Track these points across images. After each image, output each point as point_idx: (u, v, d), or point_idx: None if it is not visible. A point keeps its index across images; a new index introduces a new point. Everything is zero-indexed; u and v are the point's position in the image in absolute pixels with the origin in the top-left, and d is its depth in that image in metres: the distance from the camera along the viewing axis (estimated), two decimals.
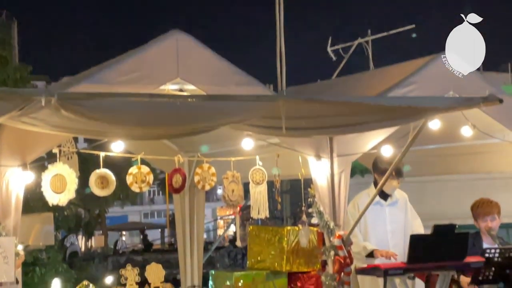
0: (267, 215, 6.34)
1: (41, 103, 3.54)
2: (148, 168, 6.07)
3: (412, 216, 5.91)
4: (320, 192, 5.03)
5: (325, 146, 5.00)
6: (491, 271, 5.41)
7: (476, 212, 6.11)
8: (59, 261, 12.35)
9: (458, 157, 7.29)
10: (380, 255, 5.52)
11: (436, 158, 7.51)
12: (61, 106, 3.59)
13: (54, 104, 3.56)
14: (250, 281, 6.75)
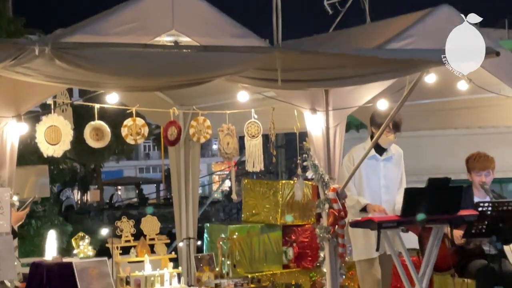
0: (262, 168, 6.35)
1: (35, 53, 3.51)
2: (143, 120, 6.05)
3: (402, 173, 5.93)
4: (315, 146, 5.02)
5: (321, 100, 4.98)
6: (484, 225, 5.46)
7: (472, 165, 6.12)
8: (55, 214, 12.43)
9: (454, 111, 7.28)
10: (373, 210, 5.54)
11: (432, 113, 7.49)
12: (55, 56, 3.55)
13: (48, 54, 3.52)
14: (244, 234, 6.81)
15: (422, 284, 5.35)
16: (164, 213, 14.00)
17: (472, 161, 6.13)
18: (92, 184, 26.98)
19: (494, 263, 5.58)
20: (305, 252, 7.06)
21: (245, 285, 5.67)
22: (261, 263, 6.83)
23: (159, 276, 5.69)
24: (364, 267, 5.69)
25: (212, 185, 31.31)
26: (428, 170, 8.03)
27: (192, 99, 6.72)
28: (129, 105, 6.07)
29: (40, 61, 3.61)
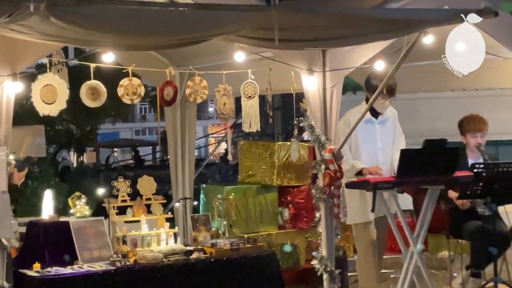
0: (259, 128, 6.34)
1: (29, 10, 3.47)
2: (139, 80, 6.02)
3: (398, 132, 5.93)
4: (311, 107, 5.01)
5: (318, 60, 4.96)
6: (479, 186, 5.49)
7: (466, 127, 6.14)
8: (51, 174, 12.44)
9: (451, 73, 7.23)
10: (369, 172, 5.56)
11: (429, 75, 7.47)
12: (50, 13, 3.51)
13: (43, 11, 3.48)
14: (240, 194, 6.83)
15: (417, 245, 5.40)
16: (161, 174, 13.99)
17: (466, 123, 6.15)
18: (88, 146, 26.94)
19: (489, 224, 5.63)
20: (300, 213, 7.09)
21: (241, 244, 5.71)
22: (257, 223, 6.86)
23: (156, 236, 5.72)
24: (360, 230, 5.74)
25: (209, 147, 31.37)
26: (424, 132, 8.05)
27: (188, 60, 6.68)
28: (125, 65, 6.03)
29: (35, 19, 3.57)
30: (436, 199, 5.50)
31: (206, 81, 6.41)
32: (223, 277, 5.46)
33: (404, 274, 5.43)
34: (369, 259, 5.72)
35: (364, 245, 5.70)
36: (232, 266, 5.51)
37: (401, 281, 5.43)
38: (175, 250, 5.58)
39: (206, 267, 5.44)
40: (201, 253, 5.58)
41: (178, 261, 5.44)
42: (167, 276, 5.30)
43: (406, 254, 5.46)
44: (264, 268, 5.61)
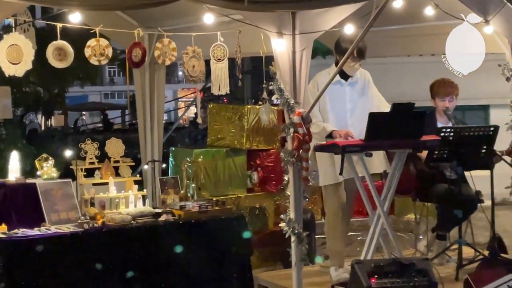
0: (228, 91, 6.32)
1: None
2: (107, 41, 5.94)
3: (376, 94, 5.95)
4: (281, 70, 4.99)
5: (288, 23, 4.92)
6: (446, 150, 5.56)
7: (435, 91, 6.19)
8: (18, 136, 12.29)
9: (420, 38, 7.30)
10: (339, 135, 5.58)
11: (398, 39, 7.51)
12: None
13: None
14: (210, 158, 6.84)
15: (383, 207, 5.46)
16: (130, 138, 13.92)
17: (436, 86, 6.20)
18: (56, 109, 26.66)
19: (455, 187, 5.71)
20: (269, 176, 7.13)
21: (209, 207, 5.72)
22: (225, 186, 6.89)
23: (124, 198, 5.71)
24: (330, 192, 5.77)
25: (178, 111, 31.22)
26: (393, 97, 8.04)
27: (157, 21, 6.60)
28: (92, 25, 5.94)
29: None
30: (404, 162, 5.55)
31: (175, 43, 6.35)
32: (192, 239, 5.48)
33: (371, 237, 5.49)
34: (337, 222, 5.77)
35: (333, 208, 5.75)
36: (200, 229, 5.53)
37: (368, 244, 5.49)
38: (144, 212, 5.57)
39: (175, 229, 5.45)
40: (170, 215, 5.59)
41: (147, 223, 5.45)
42: (135, 238, 5.31)
43: (373, 216, 5.52)
44: (232, 230, 5.64)
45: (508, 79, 6.35)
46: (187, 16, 6.17)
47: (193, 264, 5.43)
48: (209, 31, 6.03)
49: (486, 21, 6.12)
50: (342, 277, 5.49)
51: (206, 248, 5.49)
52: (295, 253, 4.92)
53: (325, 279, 5.68)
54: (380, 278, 4.66)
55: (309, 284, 5.48)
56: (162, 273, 5.35)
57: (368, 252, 5.46)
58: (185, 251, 5.41)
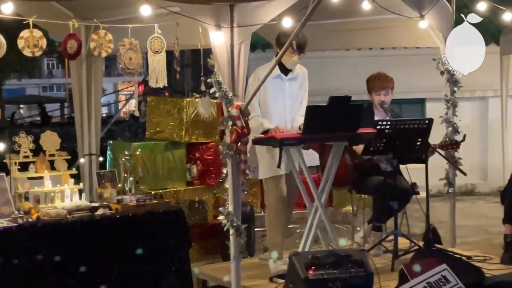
0: (166, 84, 6.27)
1: None
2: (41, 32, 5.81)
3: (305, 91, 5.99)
4: (219, 63, 4.98)
5: (226, 16, 4.91)
6: (382, 142, 5.65)
7: (371, 85, 6.28)
8: None
9: (357, 32, 7.39)
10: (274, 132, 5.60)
11: (336, 33, 7.58)
12: None
13: None
14: (148, 151, 6.78)
15: (321, 200, 5.51)
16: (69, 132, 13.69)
17: (371, 81, 6.29)
18: None
19: (390, 179, 5.81)
20: (209, 169, 7.12)
21: (147, 201, 5.67)
22: (164, 180, 6.85)
23: (60, 192, 5.61)
24: (270, 185, 5.79)
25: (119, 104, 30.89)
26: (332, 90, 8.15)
27: (93, 13, 6.50)
28: (26, 16, 5.81)
29: None
30: (341, 154, 5.61)
31: (112, 35, 6.26)
32: (129, 233, 5.42)
33: (309, 229, 5.55)
34: (277, 215, 5.79)
35: (273, 200, 5.77)
36: (138, 222, 5.47)
37: (305, 236, 5.54)
38: (80, 206, 5.49)
39: (112, 223, 5.38)
40: (107, 209, 5.52)
41: (83, 217, 5.36)
42: (71, 233, 5.22)
43: (311, 209, 5.57)
44: (170, 224, 5.60)
45: (442, 73, 6.50)
46: (124, 8, 6.09)
47: (130, 258, 5.38)
48: (146, 23, 5.97)
49: (421, 16, 6.25)
50: (281, 269, 5.51)
51: (143, 242, 5.44)
52: (233, 246, 4.92)
53: (264, 272, 5.69)
54: (317, 269, 4.70)
55: (248, 276, 5.49)
56: (99, 267, 5.28)
57: (306, 244, 5.51)
58: (123, 245, 5.35)
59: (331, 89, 8.51)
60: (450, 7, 6.50)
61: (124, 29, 6.24)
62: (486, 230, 8.37)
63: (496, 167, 10.41)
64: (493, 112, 10.98)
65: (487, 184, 11.33)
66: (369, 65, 8.27)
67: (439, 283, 4.68)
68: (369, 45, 8.59)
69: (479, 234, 8.23)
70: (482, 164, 11.43)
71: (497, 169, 10.10)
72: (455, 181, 6.62)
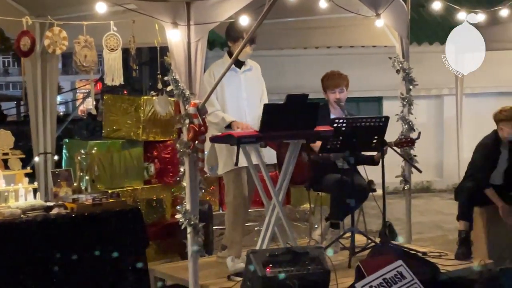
0: (122, 82, 6.22)
1: None
2: None
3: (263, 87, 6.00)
4: (176, 60, 4.95)
5: (182, 13, 4.88)
6: (338, 140, 5.69)
7: (326, 83, 6.32)
8: None
9: (315, 30, 7.43)
10: (237, 127, 5.60)
11: (294, 32, 7.62)
12: None
13: None
14: (105, 149, 6.71)
15: (278, 197, 5.52)
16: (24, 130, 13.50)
17: (326, 79, 6.34)
18: None
19: (347, 177, 5.85)
20: (166, 168, 7.07)
21: (103, 199, 5.61)
22: (122, 178, 6.78)
23: (14, 191, 5.52)
24: (231, 183, 5.78)
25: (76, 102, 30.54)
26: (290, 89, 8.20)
27: (48, 10, 6.40)
28: None
29: None
30: (298, 153, 5.62)
31: (67, 32, 6.18)
32: (85, 232, 5.35)
33: (266, 227, 5.55)
34: (237, 212, 5.79)
35: (233, 198, 5.77)
36: (94, 221, 5.41)
37: (263, 233, 5.55)
38: (34, 206, 5.40)
39: (67, 222, 5.31)
40: (62, 208, 5.45)
41: (37, 217, 5.28)
42: (26, 232, 5.13)
43: (269, 207, 5.58)
44: (127, 222, 5.56)
45: (398, 71, 6.57)
46: (79, 5, 6.02)
47: (87, 257, 5.32)
48: (102, 21, 5.91)
49: (377, 15, 6.31)
50: (239, 267, 5.52)
51: (100, 241, 5.39)
52: (191, 245, 4.91)
53: (222, 270, 5.69)
54: (275, 267, 4.71)
55: (206, 275, 5.49)
56: (55, 267, 5.21)
57: (264, 241, 5.52)
58: (78, 245, 5.29)
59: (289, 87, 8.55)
60: (406, 6, 6.57)
61: (79, 27, 6.16)
62: (442, 226, 8.49)
63: (451, 165, 10.56)
64: (449, 110, 11.15)
65: (442, 181, 11.50)
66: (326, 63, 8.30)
67: (395, 279, 4.74)
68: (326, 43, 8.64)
69: (434, 231, 8.35)
70: (437, 161, 11.60)
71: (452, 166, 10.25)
72: (411, 178, 6.71)
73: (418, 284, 4.75)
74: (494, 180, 6.44)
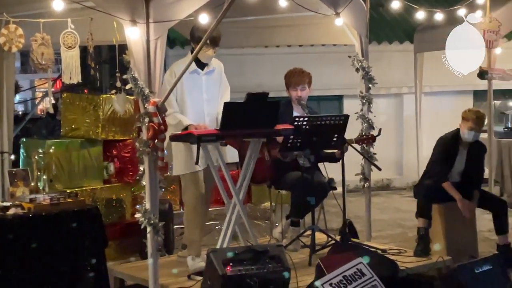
0: (80, 80, 6.15)
1: None
2: None
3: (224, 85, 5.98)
4: (135, 58, 4.91)
5: (141, 11, 4.84)
6: (299, 138, 5.70)
7: (288, 81, 6.34)
8: None
9: (275, 29, 7.45)
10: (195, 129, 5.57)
11: (256, 30, 7.62)
12: None
13: None
14: (63, 149, 6.63)
15: (239, 196, 5.51)
16: None
17: (288, 77, 6.35)
18: None
19: (308, 175, 5.87)
20: (126, 167, 7.02)
21: (61, 199, 5.54)
22: (81, 178, 6.71)
23: None
24: (188, 181, 5.74)
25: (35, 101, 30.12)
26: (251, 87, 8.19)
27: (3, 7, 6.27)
28: None
29: None
30: (258, 151, 5.63)
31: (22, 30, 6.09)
32: (43, 232, 5.28)
33: (227, 225, 5.54)
34: (196, 211, 5.76)
35: (191, 197, 5.73)
36: (52, 222, 5.34)
37: (224, 232, 5.54)
38: None
39: (24, 223, 5.23)
40: (19, 208, 5.36)
41: None
42: None
43: (229, 205, 5.57)
44: (85, 222, 5.49)
45: (358, 70, 6.62)
46: (36, 2, 5.92)
47: (45, 258, 5.25)
48: (59, 18, 5.83)
49: (336, 14, 6.34)
50: (199, 266, 5.50)
51: (58, 241, 5.32)
52: (151, 244, 4.87)
53: (182, 269, 5.66)
54: (235, 266, 4.71)
55: (166, 274, 5.46)
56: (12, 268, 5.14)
57: (224, 240, 5.51)
58: (36, 245, 5.22)
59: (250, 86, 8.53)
60: (365, 5, 6.62)
61: (36, 24, 6.07)
62: (401, 224, 8.58)
63: (411, 162, 10.69)
64: (408, 109, 11.27)
65: (402, 179, 11.62)
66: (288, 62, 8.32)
67: (354, 276, 4.76)
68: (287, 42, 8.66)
69: (394, 228, 8.43)
70: (397, 159, 11.71)
71: (412, 164, 10.38)
72: (371, 176, 6.76)
73: (377, 281, 4.79)
74: (452, 178, 6.52)
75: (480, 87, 10.15)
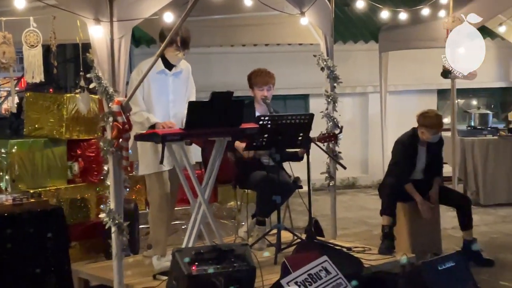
0: (42, 79, 6.08)
1: None
2: None
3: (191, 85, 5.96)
4: (99, 57, 4.87)
5: (105, 9, 4.81)
6: (264, 137, 5.71)
7: (253, 81, 6.35)
8: None
9: (242, 28, 7.46)
10: (162, 127, 5.54)
11: (221, 29, 7.62)
12: None
13: None
14: (26, 149, 6.56)
15: (204, 195, 5.50)
16: None
17: (254, 76, 6.36)
18: None
19: (273, 174, 5.89)
20: (91, 166, 6.96)
21: (24, 200, 5.47)
22: (44, 178, 6.63)
23: None
24: (153, 181, 5.71)
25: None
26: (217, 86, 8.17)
27: None
28: None
29: None
30: (223, 150, 5.62)
31: None
32: (5, 233, 5.21)
33: (192, 225, 5.53)
34: (161, 211, 5.73)
35: (156, 197, 5.70)
36: (14, 222, 5.26)
37: (189, 232, 5.52)
38: None
39: None
40: None
41: None
42: None
43: (194, 205, 5.56)
44: (48, 223, 5.43)
45: (323, 69, 6.65)
46: None
47: (7, 259, 5.18)
48: (21, 16, 5.76)
49: (301, 13, 6.36)
50: (164, 266, 5.47)
51: (21, 242, 5.25)
52: (115, 244, 4.84)
53: (148, 269, 5.64)
54: (201, 265, 4.70)
55: (131, 274, 5.43)
56: None
57: (190, 240, 5.49)
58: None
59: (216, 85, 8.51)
60: (330, 4, 6.65)
61: None
62: (366, 222, 8.64)
63: (376, 161, 10.76)
64: (373, 108, 11.34)
65: (367, 177, 11.69)
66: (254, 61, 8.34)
67: (319, 275, 4.79)
68: (253, 41, 8.67)
69: (359, 226, 8.48)
70: (363, 157, 11.79)
71: (377, 163, 10.45)
72: (337, 175, 6.79)
73: (342, 279, 4.82)
74: (415, 176, 6.59)
75: (444, 86, 10.27)
